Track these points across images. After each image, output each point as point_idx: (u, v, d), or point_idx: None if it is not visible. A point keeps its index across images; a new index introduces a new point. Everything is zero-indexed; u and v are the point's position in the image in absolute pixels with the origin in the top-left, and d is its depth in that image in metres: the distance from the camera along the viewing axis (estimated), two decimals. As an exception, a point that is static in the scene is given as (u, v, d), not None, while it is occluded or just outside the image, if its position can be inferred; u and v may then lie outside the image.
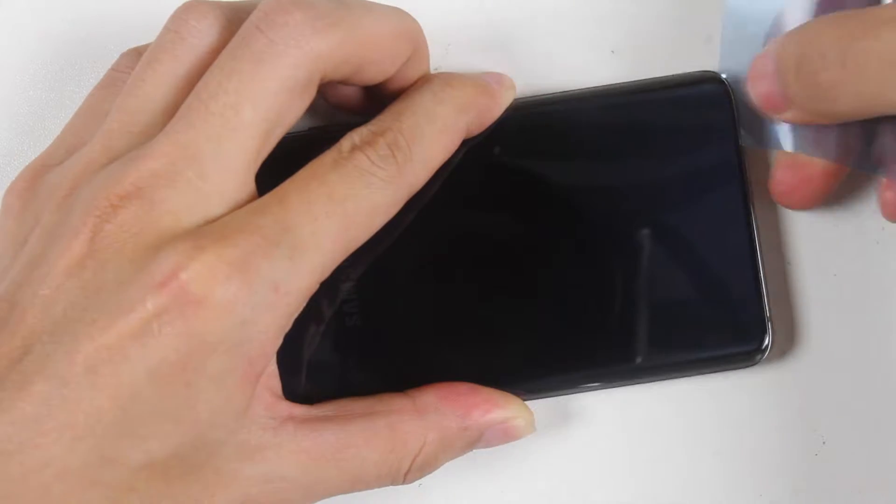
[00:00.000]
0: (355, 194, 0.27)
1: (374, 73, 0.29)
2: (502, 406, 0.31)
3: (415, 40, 0.29)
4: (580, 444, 0.33)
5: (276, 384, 0.28)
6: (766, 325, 0.31)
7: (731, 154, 0.32)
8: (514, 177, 0.32)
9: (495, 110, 0.31)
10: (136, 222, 0.26)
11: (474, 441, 0.31)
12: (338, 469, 0.28)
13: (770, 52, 0.29)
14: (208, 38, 0.28)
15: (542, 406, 0.32)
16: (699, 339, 0.32)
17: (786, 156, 0.31)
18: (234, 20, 0.28)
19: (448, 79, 0.30)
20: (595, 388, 0.32)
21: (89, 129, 0.29)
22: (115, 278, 0.25)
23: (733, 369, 0.32)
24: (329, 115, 0.33)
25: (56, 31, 0.35)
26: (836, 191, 0.32)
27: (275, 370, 0.28)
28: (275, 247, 0.26)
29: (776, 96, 0.29)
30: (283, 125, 0.27)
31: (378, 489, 0.29)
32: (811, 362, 0.33)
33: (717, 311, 0.32)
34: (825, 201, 0.32)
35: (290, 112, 0.27)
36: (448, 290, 0.32)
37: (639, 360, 0.31)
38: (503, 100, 0.31)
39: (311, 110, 0.29)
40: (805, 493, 0.33)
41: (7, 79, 0.35)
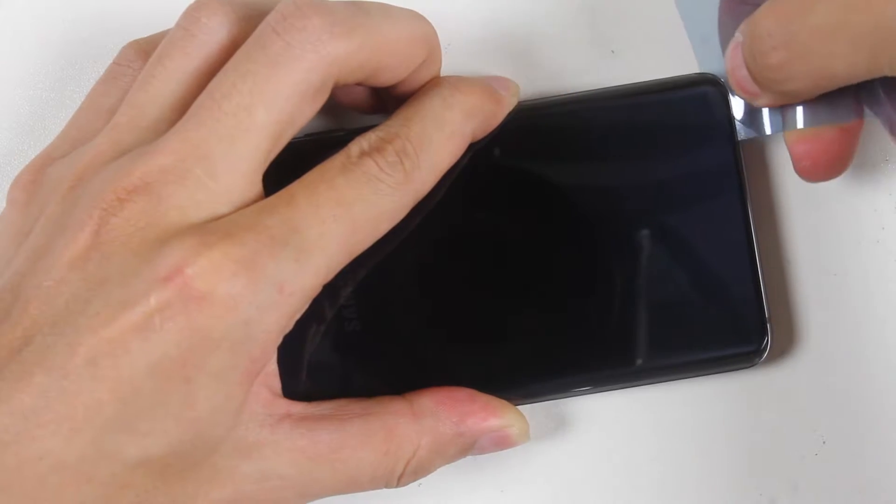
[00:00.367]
0: (363, 199, 0.27)
1: (387, 77, 0.29)
2: (498, 414, 0.31)
3: (430, 45, 0.29)
4: (580, 444, 0.33)
5: (276, 382, 0.28)
6: (765, 327, 0.31)
7: (729, 156, 0.32)
8: (512, 180, 0.32)
9: (500, 116, 0.31)
10: (142, 216, 0.25)
11: (468, 447, 0.31)
12: (332, 469, 0.28)
13: (739, 39, 0.29)
14: (219, 35, 0.28)
15: (541, 407, 0.32)
16: (698, 340, 0.32)
17: (793, 133, 0.31)
18: (245, 18, 0.28)
19: (457, 84, 0.30)
20: (594, 391, 0.32)
21: (92, 123, 0.29)
22: (120, 271, 0.25)
23: (732, 370, 0.32)
24: (337, 115, 0.33)
25: (56, 31, 0.35)
26: (837, 190, 0.33)
27: (275, 369, 0.28)
28: (282, 247, 0.26)
29: (748, 84, 0.29)
30: (294, 127, 0.28)
31: (377, 490, 0.29)
32: (811, 362, 0.33)
33: (715, 312, 0.32)
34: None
35: (302, 115, 0.27)
36: (447, 293, 0.32)
37: (638, 362, 0.31)
38: (508, 105, 0.31)
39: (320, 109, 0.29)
40: (805, 493, 0.33)
41: (7, 79, 0.34)
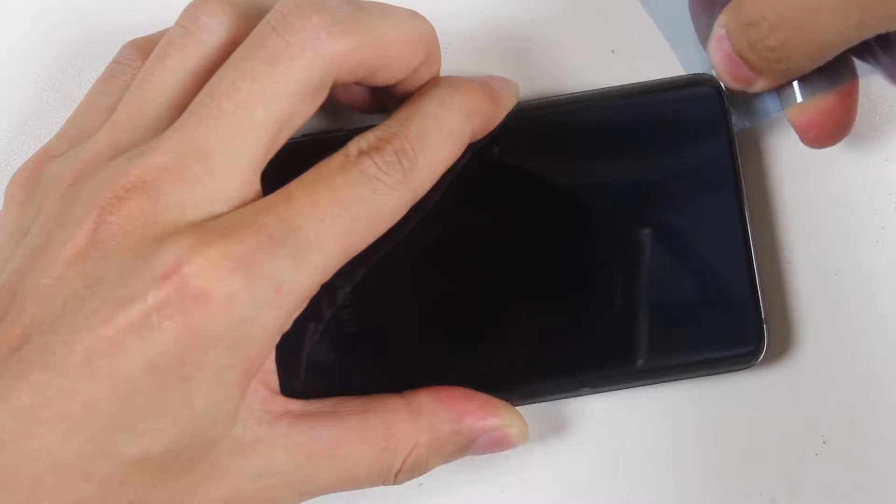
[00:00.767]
0: (361, 199, 0.27)
1: (386, 77, 0.29)
2: (497, 414, 0.31)
3: (429, 45, 0.29)
4: (579, 445, 0.33)
5: (274, 380, 0.28)
6: (762, 329, 0.31)
7: (726, 156, 0.32)
8: (511, 180, 0.32)
9: (500, 116, 0.31)
10: (140, 215, 0.25)
11: (466, 447, 0.30)
12: (330, 466, 0.28)
13: (721, 32, 0.29)
14: (218, 34, 0.28)
15: (540, 407, 0.32)
16: (694, 342, 0.32)
17: (794, 107, 0.31)
18: (244, 16, 0.28)
19: (456, 84, 0.30)
20: (592, 392, 0.32)
21: (92, 121, 0.29)
22: (117, 270, 0.25)
23: (729, 372, 0.32)
24: (336, 114, 0.33)
25: (56, 30, 0.35)
26: (837, 190, 0.33)
27: (273, 367, 0.28)
28: (279, 246, 0.26)
29: (742, 72, 0.30)
30: (292, 126, 0.28)
31: (377, 491, 0.29)
32: (811, 361, 0.33)
33: (712, 314, 0.32)
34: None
35: (300, 113, 0.27)
36: (446, 293, 0.32)
37: (635, 363, 0.31)
38: (507, 105, 0.31)
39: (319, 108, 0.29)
40: (805, 493, 0.33)
41: (7, 78, 0.34)
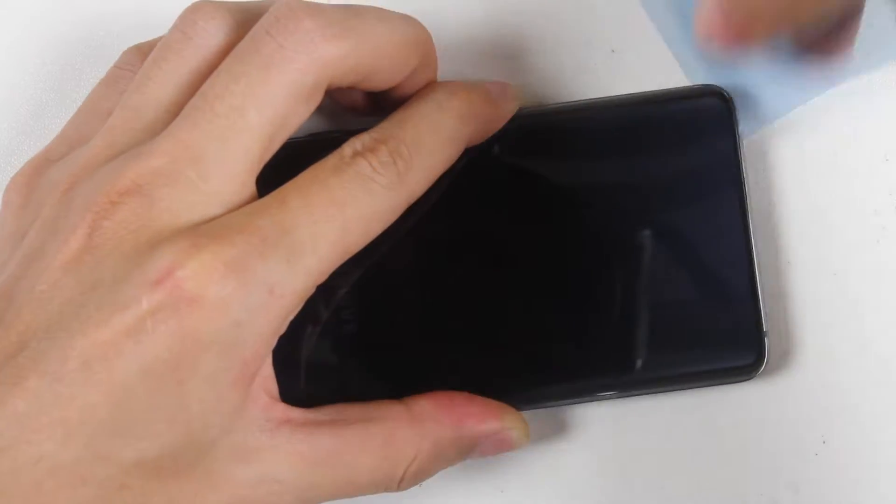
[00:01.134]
0: (355, 200, 0.27)
1: (381, 81, 0.29)
2: (497, 416, 0.31)
3: (424, 50, 0.29)
4: (580, 447, 0.33)
5: (273, 387, 0.28)
6: (762, 341, 0.31)
7: (733, 169, 0.32)
8: (514, 186, 0.32)
9: (499, 121, 0.31)
10: (134, 219, 0.25)
11: (468, 450, 0.30)
12: (332, 474, 0.28)
13: (708, 6, 0.28)
14: (215, 38, 0.28)
15: (541, 411, 0.32)
16: (696, 354, 0.32)
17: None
18: (241, 22, 0.28)
19: (453, 88, 0.30)
20: (592, 400, 0.32)
21: (91, 125, 0.29)
22: (112, 275, 0.25)
23: (729, 383, 0.32)
24: (332, 117, 0.33)
25: (56, 31, 0.35)
26: (837, 191, 0.33)
27: (271, 373, 0.28)
28: (272, 248, 0.26)
29: (742, 27, 0.28)
30: (287, 129, 0.27)
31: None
32: (811, 362, 0.33)
33: (714, 326, 0.32)
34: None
35: (295, 117, 0.27)
36: (446, 298, 0.32)
37: (635, 373, 0.31)
38: (507, 110, 0.31)
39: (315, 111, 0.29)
40: (805, 493, 0.33)
41: (7, 79, 0.35)
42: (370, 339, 0.31)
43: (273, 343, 0.27)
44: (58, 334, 0.25)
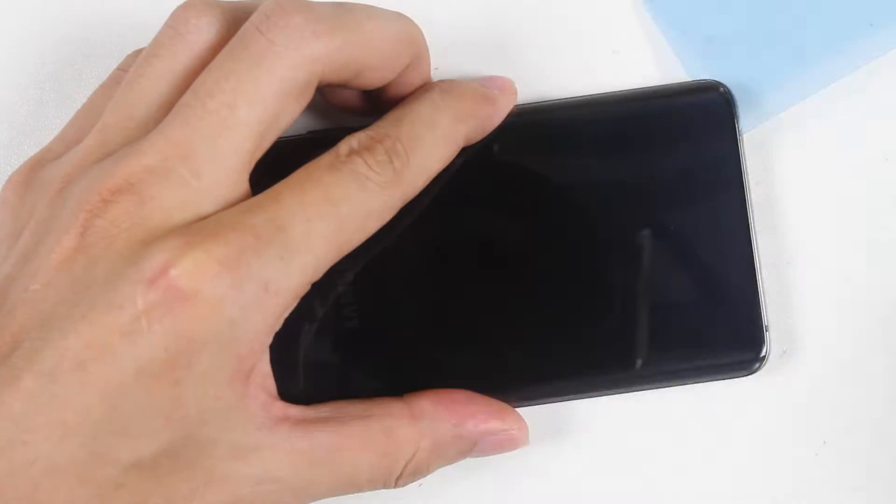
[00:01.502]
0: (350, 198, 0.27)
1: (373, 79, 0.29)
2: (498, 417, 0.31)
3: (416, 47, 0.29)
4: (581, 446, 0.33)
5: (271, 384, 0.28)
6: (763, 336, 0.31)
7: (732, 163, 0.32)
8: (514, 183, 0.32)
9: (496, 118, 0.31)
10: (126, 218, 0.25)
11: (468, 450, 0.30)
12: (331, 471, 0.28)
13: None
14: (207, 36, 0.28)
15: (541, 409, 0.32)
16: (696, 348, 0.32)
17: None
18: (233, 19, 0.28)
19: (448, 87, 0.30)
20: (593, 395, 0.32)
21: (89, 125, 0.29)
22: (105, 274, 0.25)
23: (729, 378, 0.32)
24: (327, 116, 0.33)
25: (56, 31, 0.35)
26: (838, 191, 0.33)
27: (268, 370, 0.28)
28: (266, 246, 0.26)
29: None
30: (278, 126, 0.27)
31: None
32: (812, 361, 0.33)
33: (715, 320, 0.32)
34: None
35: (286, 114, 0.27)
36: (445, 294, 0.32)
37: (636, 368, 0.31)
38: (504, 106, 0.31)
39: (310, 109, 0.29)
40: (805, 493, 0.33)
41: (7, 79, 0.35)
42: (369, 337, 0.31)
43: (269, 340, 0.27)
44: (52, 334, 0.25)
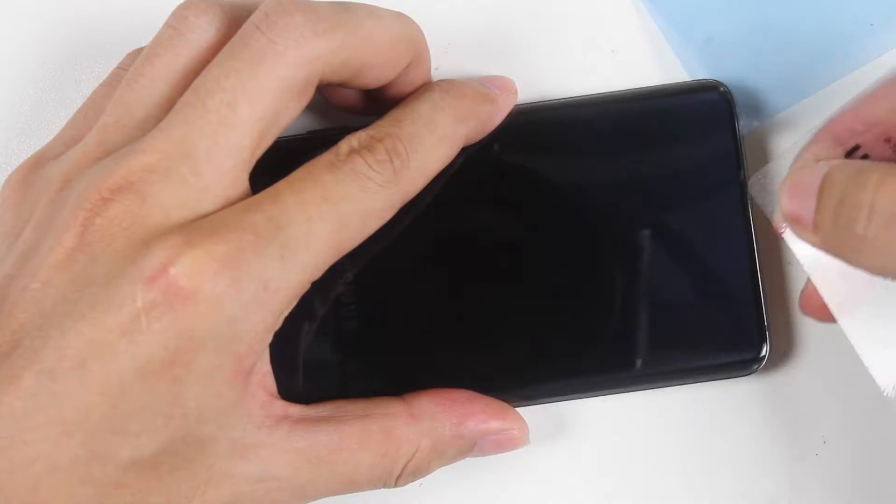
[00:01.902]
0: (350, 197, 0.27)
1: (373, 78, 0.29)
2: (498, 416, 0.31)
3: (416, 46, 0.29)
4: (581, 445, 0.33)
5: (271, 383, 0.28)
6: (764, 336, 0.31)
7: (732, 163, 0.32)
8: (514, 182, 0.32)
9: (496, 118, 0.31)
10: (126, 216, 0.25)
11: (468, 450, 0.30)
12: (330, 470, 0.28)
13: (818, 174, 0.26)
14: (207, 34, 0.28)
15: (541, 409, 0.32)
16: (697, 347, 0.32)
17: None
18: (233, 18, 0.28)
19: (449, 87, 0.30)
20: (593, 395, 0.32)
21: (89, 124, 0.29)
22: (105, 272, 0.25)
23: (730, 378, 0.32)
24: (327, 115, 0.33)
25: (56, 30, 0.35)
26: None
27: (268, 369, 0.28)
28: (266, 245, 0.26)
29: (807, 218, 0.27)
30: (278, 125, 0.27)
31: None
32: (812, 361, 0.33)
33: (716, 320, 0.32)
34: None
35: (286, 112, 0.27)
36: (445, 294, 0.32)
37: (636, 368, 0.31)
38: (505, 106, 0.31)
39: (310, 109, 0.29)
40: (805, 493, 0.33)
41: (7, 79, 0.34)
42: (369, 336, 0.31)
43: (268, 339, 0.27)
44: (51, 332, 0.25)
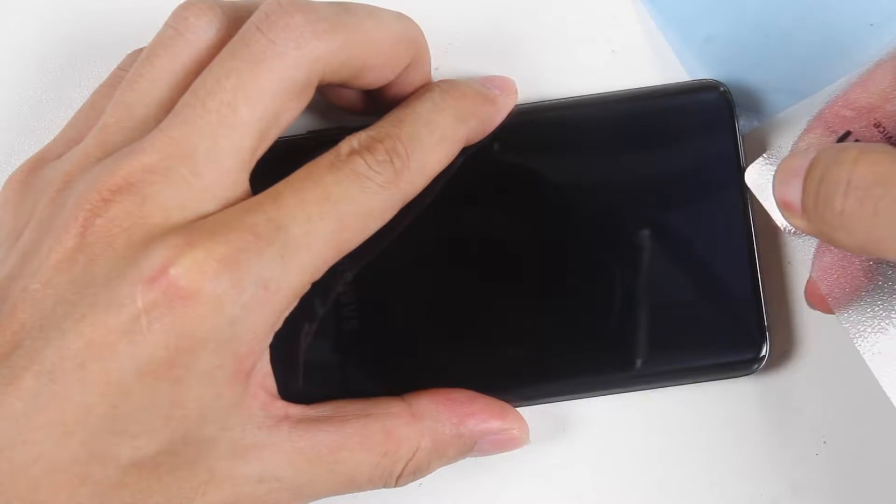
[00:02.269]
0: (350, 197, 0.27)
1: (373, 78, 0.29)
2: (498, 416, 0.31)
3: (415, 47, 0.29)
4: (581, 445, 0.33)
5: (271, 383, 0.28)
6: (764, 335, 0.31)
7: (731, 163, 0.32)
8: (514, 182, 0.32)
9: (497, 118, 0.31)
10: (126, 217, 0.25)
11: (468, 449, 0.31)
12: (331, 470, 0.28)
13: (806, 159, 0.27)
14: (207, 35, 0.28)
15: (541, 409, 0.32)
16: (697, 347, 0.32)
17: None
18: (233, 19, 0.28)
19: (449, 88, 0.30)
20: (593, 395, 0.32)
21: (89, 125, 0.29)
22: (105, 273, 0.25)
23: (730, 378, 0.32)
24: (328, 116, 0.33)
25: (56, 30, 0.35)
26: None
27: (269, 370, 0.28)
28: (266, 245, 0.26)
29: (794, 202, 0.28)
30: (279, 126, 0.27)
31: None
32: (812, 361, 0.33)
33: (715, 319, 0.32)
34: None
35: (286, 113, 0.27)
36: (445, 294, 0.32)
37: (636, 367, 0.31)
38: (505, 107, 0.31)
39: (310, 109, 0.29)
40: (805, 493, 0.33)
41: (7, 79, 0.34)
42: (369, 336, 0.31)
43: (268, 339, 0.27)
44: (52, 333, 0.25)
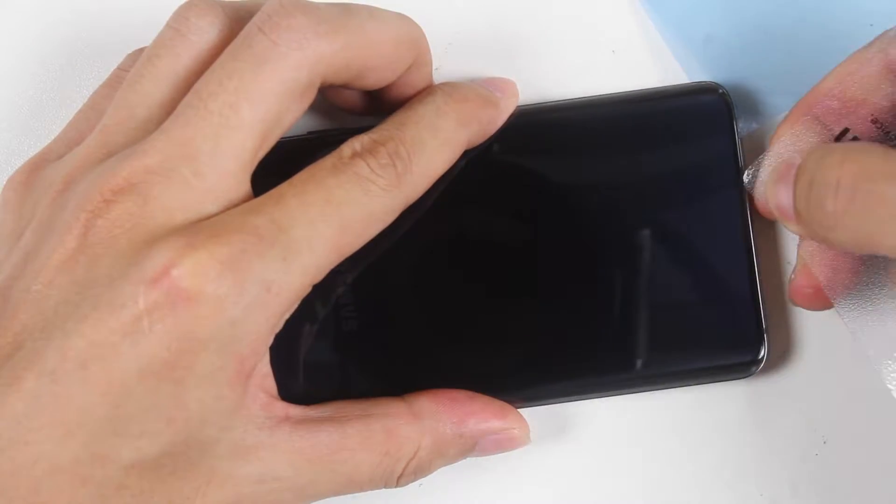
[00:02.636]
0: (353, 200, 0.27)
1: (375, 79, 0.29)
2: (499, 416, 0.31)
3: (417, 48, 0.29)
4: (581, 445, 0.33)
5: (272, 384, 0.28)
6: (762, 338, 0.31)
7: (730, 164, 0.32)
8: (514, 184, 0.32)
9: (498, 121, 0.31)
10: (128, 218, 0.25)
11: (469, 449, 0.31)
12: (332, 471, 0.28)
13: (795, 161, 0.28)
14: (208, 35, 0.28)
15: (542, 409, 0.32)
16: (695, 350, 0.32)
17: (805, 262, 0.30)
18: (235, 19, 0.28)
19: (452, 91, 0.30)
20: (592, 397, 0.32)
21: (91, 125, 0.29)
22: (107, 274, 0.25)
23: (728, 380, 0.32)
24: (330, 117, 0.33)
25: (56, 30, 0.35)
26: None
27: (269, 371, 0.28)
28: (268, 247, 0.26)
29: (787, 207, 0.28)
30: (281, 127, 0.27)
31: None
32: (812, 361, 0.33)
33: (714, 322, 0.32)
34: None
35: (288, 114, 0.27)
36: (447, 296, 0.32)
37: (635, 370, 0.31)
38: (506, 109, 0.31)
39: (312, 110, 0.29)
40: (805, 493, 0.33)
41: (7, 79, 0.34)
42: (370, 337, 0.31)
43: (270, 341, 0.27)
44: (53, 334, 0.25)
